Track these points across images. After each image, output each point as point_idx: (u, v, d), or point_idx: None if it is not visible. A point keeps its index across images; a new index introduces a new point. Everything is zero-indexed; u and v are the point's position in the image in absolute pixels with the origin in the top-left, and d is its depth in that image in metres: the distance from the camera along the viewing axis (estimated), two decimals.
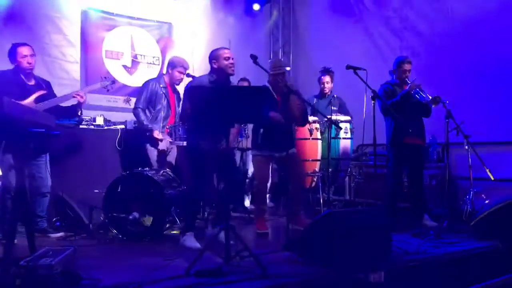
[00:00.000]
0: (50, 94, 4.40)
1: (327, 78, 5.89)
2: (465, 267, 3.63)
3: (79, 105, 4.41)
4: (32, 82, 4.35)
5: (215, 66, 4.14)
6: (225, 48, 4.19)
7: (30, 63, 4.27)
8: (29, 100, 4.13)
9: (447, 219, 4.63)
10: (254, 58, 4.11)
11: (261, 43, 8.23)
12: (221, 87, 3.95)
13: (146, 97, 5.02)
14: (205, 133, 3.98)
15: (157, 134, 4.95)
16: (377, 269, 3.19)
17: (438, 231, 4.37)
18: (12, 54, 4.27)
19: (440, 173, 5.70)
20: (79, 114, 4.59)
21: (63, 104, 4.40)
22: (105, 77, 4.73)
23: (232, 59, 4.13)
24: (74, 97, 4.34)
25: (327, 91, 5.92)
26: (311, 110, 5.45)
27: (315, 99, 5.96)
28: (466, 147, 4.99)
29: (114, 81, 4.75)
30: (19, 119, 2.78)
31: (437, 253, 3.73)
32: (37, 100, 4.18)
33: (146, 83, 5.12)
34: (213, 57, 4.16)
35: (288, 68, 5.56)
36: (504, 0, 5.66)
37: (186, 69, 5.15)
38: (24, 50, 4.26)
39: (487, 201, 4.94)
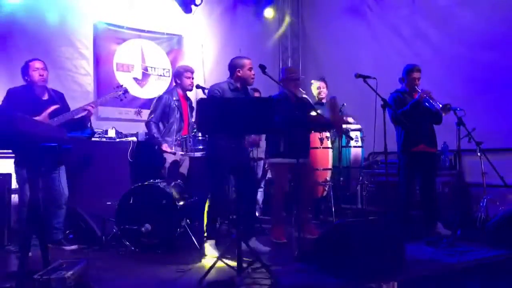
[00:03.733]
0: (64, 107, 4.45)
1: (322, 84, 5.87)
2: (479, 276, 3.59)
3: (87, 118, 4.44)
4: (46, 97, 4.40)
5: (239, 74, 4.24)
6: (249, 59, 4.28)
7: (42, 75, 4.32)
8: (43, 116, 4.19)
9: (460, 227, 4.58)
10: (263, 68, 4.14)
11: (270, 52, 8.27)
12: (233, 99, 3.98)
13: (160, 111, 5.06)
14: (221, 144, 4.04)
15: (165, 147, 4.96)
16: (390, 279, 3.17)
17: (451, 239, 4.33)
18: (25, 69, 4.33)
19: (453, 180, 5.66)
20: (88, 126, 4.61)
21: (76, 117, 4.45)
22: (117, 87, 4.79)
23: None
24: (85, 109, 4.38)
25: (323, 95, 5.89)
26: None
27: None
28: (479, 154, 4.95)
29: (126, 90, 4.79)
30: (32, 134, 2.81)
31: (451, 262, 3.69)
32: (51, 115, 4.23)
33: (160, 97, 5.17)
34: (239, 65, 4.25)
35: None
36: None
37: (192, 72, 5.20)
38: (35, 64, 4.33)
39: (501, 208, 4.90)
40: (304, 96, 5.10)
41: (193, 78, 5.18)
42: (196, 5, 6.97)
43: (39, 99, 4.34)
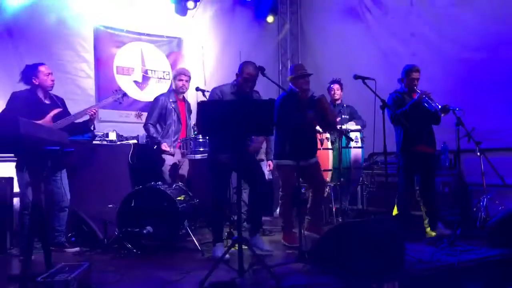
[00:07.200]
0: (65, 111, 4.48)
1: (336, 86, 5.99)
2: (479, 276, 3.60)
3: (91, 121, 4.47)
4: (48, 101, 4.43)
5: (239, 78, 4.23)
6: (251, 67, 4.19)
7: (53, 81, 4.39)
8: (47, 119, 4.21)
9: (460, 227, 4.60)
10: (261, 70, 4.15)
11: (269, 54, 8.31)
12: (232, 102, 3.99)
13: (157, 112, 5.09)
14: (221, 146, 4.06)
15: (165, 146, 5.01)
16: (391, 278, 3.19)
17: (451, 239, 4.35)
18: (32, 73, 4.30)
19: (453, 180, 5.67)
20: (92, 129, 4.64)
21: (77, 121, 4.48)
22: (116, 91, 4.82)
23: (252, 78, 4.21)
24: (86, 113, 4.41)
25: (337, 97, 5.97)
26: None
27: None
28: (478, 153, 4.97)
29: (125, 94, 4.82)
30: (35, 138, 2.84)
31: (451, 262, 3.71)
32: (54, 119, 4.26)
33: (157, 99, 5.20)
34: (240, 70, 4.22)
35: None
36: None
37: (186, 75, 5.21)
38: (46, 69, 4.35)
39: (501, 208, 4.91)
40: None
41: (186, 81, 5.19)
42: (188, 9, 7.01)
43: (43, 103, 4.36)
